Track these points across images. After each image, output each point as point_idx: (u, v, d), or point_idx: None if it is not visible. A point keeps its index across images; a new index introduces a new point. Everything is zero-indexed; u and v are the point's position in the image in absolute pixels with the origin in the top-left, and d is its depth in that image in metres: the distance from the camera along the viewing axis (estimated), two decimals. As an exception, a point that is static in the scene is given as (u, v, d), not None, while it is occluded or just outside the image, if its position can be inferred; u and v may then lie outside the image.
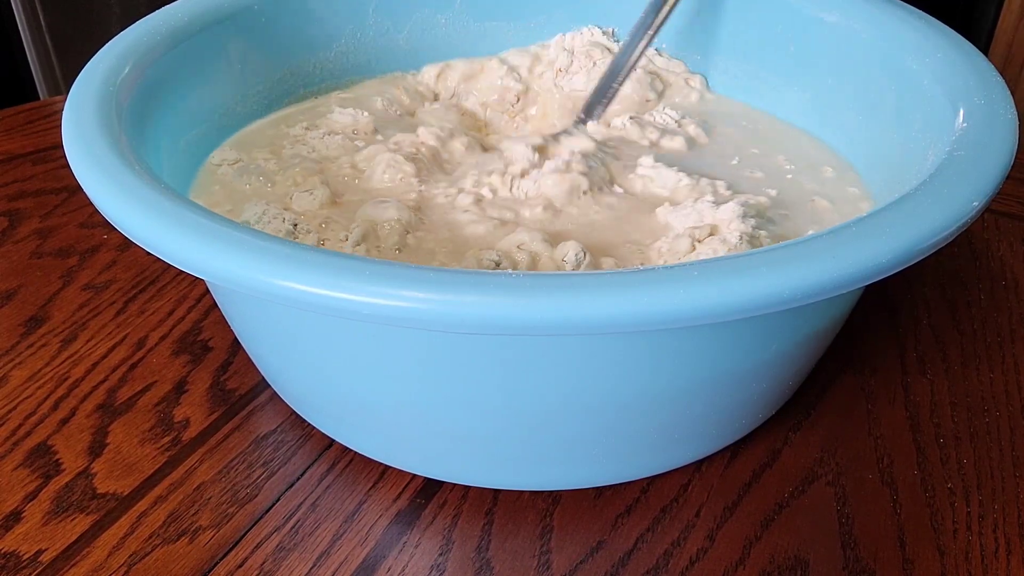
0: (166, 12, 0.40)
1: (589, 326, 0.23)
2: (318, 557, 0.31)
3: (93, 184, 0.28)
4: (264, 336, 0.33)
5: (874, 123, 0.39)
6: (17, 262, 0.44)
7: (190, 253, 0.25)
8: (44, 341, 0.40)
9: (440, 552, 0.31)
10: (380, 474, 0.34)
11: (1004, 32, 1.05)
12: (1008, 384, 0.38)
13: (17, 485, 0.33)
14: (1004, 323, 0.41)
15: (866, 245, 0.25)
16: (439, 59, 0.48)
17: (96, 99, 0.33)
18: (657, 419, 0.30)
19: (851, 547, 0.31)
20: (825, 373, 0.38)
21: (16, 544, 0.31)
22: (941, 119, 0.33)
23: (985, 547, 0.31)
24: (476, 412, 0.29)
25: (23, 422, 0.36)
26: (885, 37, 0.39)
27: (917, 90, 0.36)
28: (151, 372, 0.38)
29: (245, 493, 0.33)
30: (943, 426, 0.36)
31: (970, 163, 0.29)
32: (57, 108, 0.59)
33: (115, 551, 0.31)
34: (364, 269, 0.24)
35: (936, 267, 0.45)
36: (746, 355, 0.30)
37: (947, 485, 0.33)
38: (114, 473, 0.33)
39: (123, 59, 0.36)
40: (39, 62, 1.15)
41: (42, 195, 0.49)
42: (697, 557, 0.31)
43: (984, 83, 0.34)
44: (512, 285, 0.23)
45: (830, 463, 0.34)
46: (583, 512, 0.32)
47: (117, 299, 0.42)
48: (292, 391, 0.35)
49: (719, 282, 0.24)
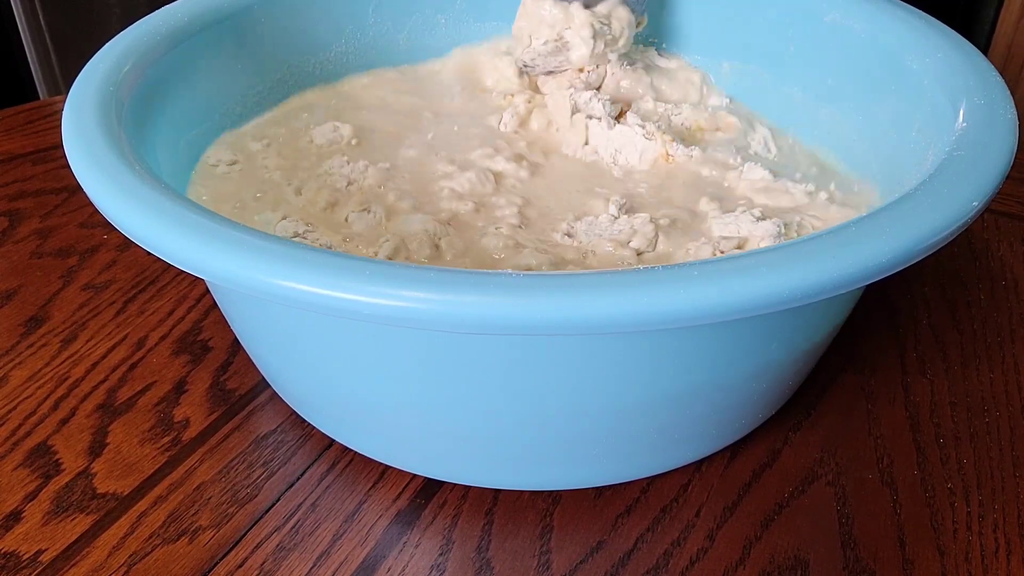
0: (166, 12, 0.40)
1: (589, 326, 0.23)
2: (318, 557, 0.31)
3: (93, 184, 0.28)
4: (264, 336, 0.33)
5: (874, 122, 0.39)
6: (17, 262, 0.44)
7: (190, 253, 0.25)
8: (44, 341, 0.40)
9: (440, 552, 0.31)
10: (380, 474, 0.34)
11: (1004, 32, 1.05)
12: (1008, 384, 0.38)
13: (17, 485, 0.33)
14: (1004, 323, 0.41)
15: (866, 245, 0.25)
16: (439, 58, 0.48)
17: (96, 99, 0.33)
18: (657, 419, 0.30)
19: (851, 547, 0.31)
20: (825, 373, 0.38)
21: (16, 544, 0.31)
22: (941, 119, 0.33)
23: (985, 547, 0.31)
24: (476, 412, 0.29)
25: (23, 422, 0.36)
26: (885, 37, 0.39)
27: (917, 90, 0.36)
28: (151, 372, 0.38)
29: (245, 493, 0.33)
30: (943, 426, 0.36)
31: (970, 163, 0.29)
32: (57, 108, 0.59)
33: (115, 551, 0.31)
34: (364, 269, 0.24)
35: (936, 267, 0.45)
36: (746, 355, 0.30)
37: (947, 485, 0.33)
38: (114, 473, 0.33)
39: (123, 59, 0.36)
40: (39, 62, 1.15)
41: (42, 195, 0.49)
42: (697, 557, 0.31)
43: (984, 83, 0.34)
44: (512, 285, 0.23)
45: (830, 463, 0.34)
46: (583, 512, 0.32)
47: (117, 299, 0.42)
48: (292, 391, 0.35)
49: (719, 282, 0.24)
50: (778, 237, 0.34)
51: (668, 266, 0.24)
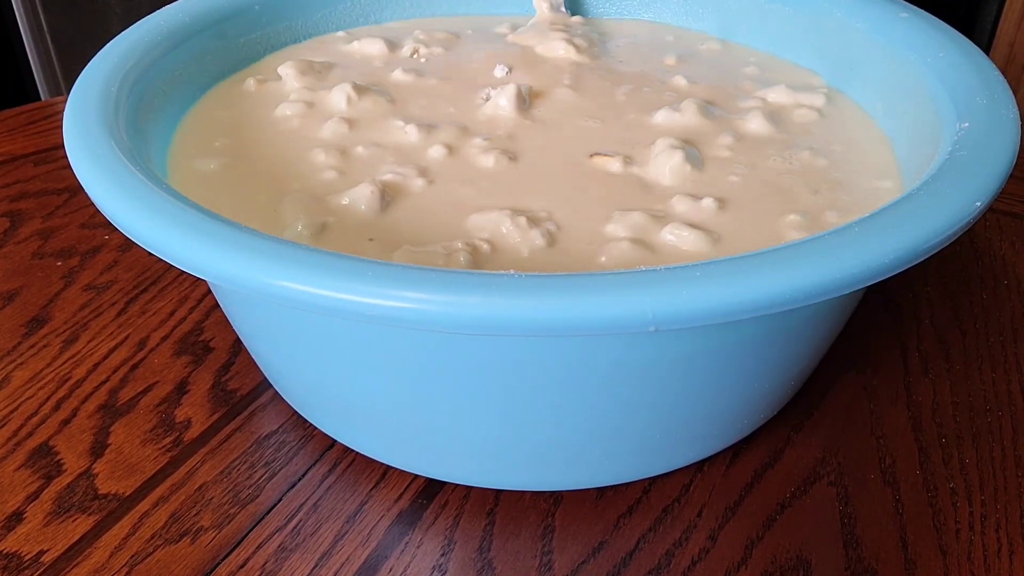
0: (166, 12, 0.40)
1: (591, 327, 0.23)
2: (320, 558, 0.30)
3: (94, 185, 0.28)
4: (266, 336, 0.33)
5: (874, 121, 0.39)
6: (19, 263, 0.44)
7: (191, 254, 0.25)
8: (46, 342, 0.40)
9: (442, 552, 0.31)
10: (382, 475, 0.34)
11: (1006, 32, 1.05)
12: (1011, 384, 0.38)
13: (19, 486, 0.33)
14: (1007, 323, 0.41)
15: (868, 246, 0.25)
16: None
17: (97, 99, 0.33)
18: (659, 420, 0.30)
19: (853, 547, 0.31)
20: (827, 373, 0.38)
21: (18, 545, 0.31)
22: (943, 119, 0.33)
23: (988, 547, 0.31)
24: (478, 413, 0.29)
25: (25, 423, 0.36)
26: (887, 36, 0.39)
27: (919, 89, 0.36)
28: (153, 373, 0.38)
29: (247, 494, 0.33)
30: (945, 426, 0.36)
31: (972, 163, 0.29)
32: (58, 109, 0.59)
33: (117, 552, 0.31)
34: (366, 270, 0.24)
35: (938, 266, 0.45)
36: (748, 356, 0.30)
37: (949, 485, 0.33)
38: (116, 474, 0.33)
39: (124, 59, 0.36)
40: (40, 63, 1.15)
41: (43, 196, 0.49)
42: (699, 557, 0.31)
43: (986, 83, 0.34)
44: (514, 286, 0.23)
45: (832, 463, 0.34)
46: (585, 512, 0.32)
47: (118, 300, 0.42)
48: (294, 391, 0.35)
49: (722, 283, 0.24)
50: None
51: (670, 267, 0.24)
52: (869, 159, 0.36)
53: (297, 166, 0.35)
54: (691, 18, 0.48)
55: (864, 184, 0.35)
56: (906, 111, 0.37)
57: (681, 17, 0.49)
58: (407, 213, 0.32)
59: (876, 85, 0.40)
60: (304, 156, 0.36)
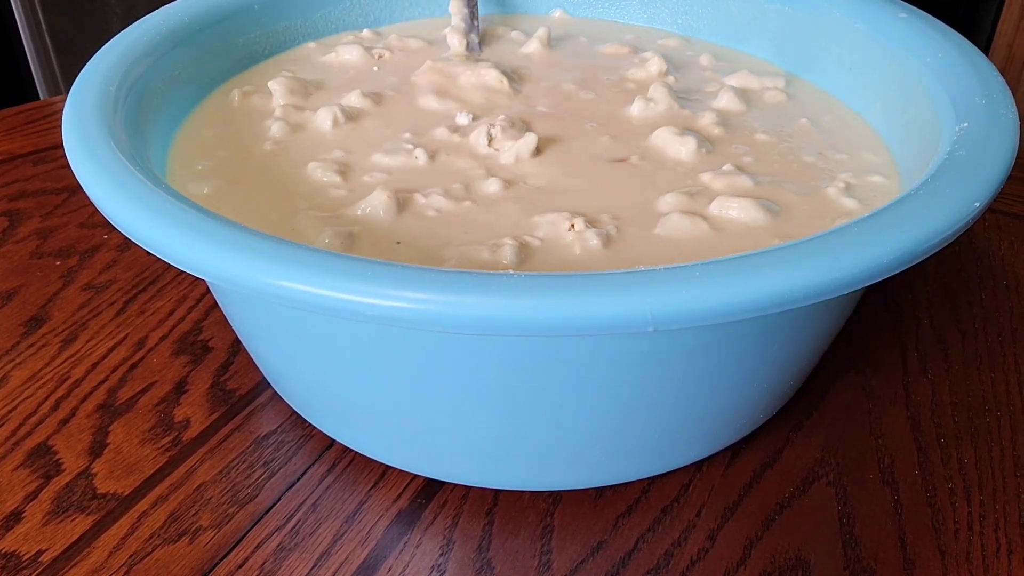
0: (166, 12, 0.40)
1: (591, 327, 0.23)
2: (319, 557, 0.30)
3: (93, 184, 0.28)
4: (265, 336, 0.33)
5: (874, 120, 0.39)
6: (17, 262, 0.44)
7: (190, 253, 0.25)
8: (44, 341, 0.40)
9: (441, 552, 0.31)
10: (381, 474, 0.34)
11: (1005, 32, 1.05)
12: (1009, 384, 0.38)
13: (17, 485, 0.33)
14: (1005, 323, 0.41)
15: (867, 246, 0.25)
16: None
17: (96, 99, 0.33)
18: (658, 420, 0.30)
19: (852, 547, 0.31)
20: (826, 373, 0.38)
21: (16, 544, 0.31)
22: (942, 119, 0.33)
23: (986, 547, 0.31)
24: (477, 413, 0.29)
25: (23, 422, 0.36)
26: (886, 36, 0.39)
27: (918, 89, 0.36)
28: (151, 372, 0.38)
29: (246, 493, 0.33)
30: (944, 426, 0.36)
31: (971, 163, 0.29)
32: (57, 108, 0.59)
33: (115, 551, 0.31)
34: (365, 270, 0.24)
35: (937, 266, 0.45)
36: (747, 356, 0.30)
37: (948, 485, 0.33)
38: (114, 473, 0.33)
39: (123, 59, 0.36)
40: (39, 62, 1.15)
41: (42, 195, 0.49)
42: (698, 557, 0.31)
43: (985, 83, 0.34)
44: (514, 286, 0.23)
45: (831, 463, 0.34)
46: (584, 512, 0.32)
47: (117, 299, 0.42)
48: (293, 391, 0.35)
49: (721, 283, 0.24)
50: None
51: (669, 267, 0.24)
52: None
53: (298, 186, 0.34)
54: (652, 18, 0.49)
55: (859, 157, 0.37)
56: (905, 111, 0.37)
57: (666, 22, 0.49)
58: (420, 216, 0.33)
59: (876, 85, 0.40)
60: (302, 174, 0.35)
